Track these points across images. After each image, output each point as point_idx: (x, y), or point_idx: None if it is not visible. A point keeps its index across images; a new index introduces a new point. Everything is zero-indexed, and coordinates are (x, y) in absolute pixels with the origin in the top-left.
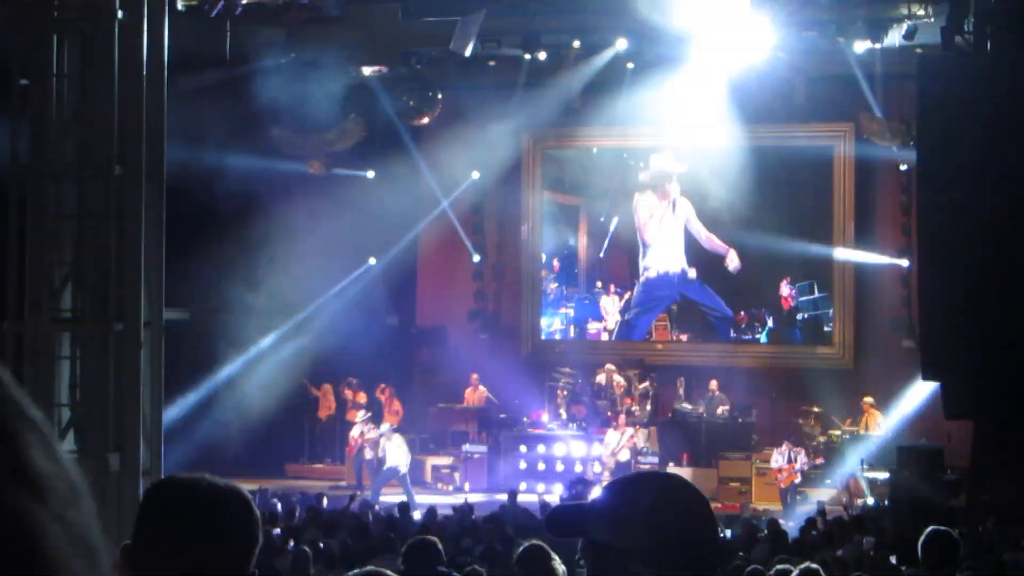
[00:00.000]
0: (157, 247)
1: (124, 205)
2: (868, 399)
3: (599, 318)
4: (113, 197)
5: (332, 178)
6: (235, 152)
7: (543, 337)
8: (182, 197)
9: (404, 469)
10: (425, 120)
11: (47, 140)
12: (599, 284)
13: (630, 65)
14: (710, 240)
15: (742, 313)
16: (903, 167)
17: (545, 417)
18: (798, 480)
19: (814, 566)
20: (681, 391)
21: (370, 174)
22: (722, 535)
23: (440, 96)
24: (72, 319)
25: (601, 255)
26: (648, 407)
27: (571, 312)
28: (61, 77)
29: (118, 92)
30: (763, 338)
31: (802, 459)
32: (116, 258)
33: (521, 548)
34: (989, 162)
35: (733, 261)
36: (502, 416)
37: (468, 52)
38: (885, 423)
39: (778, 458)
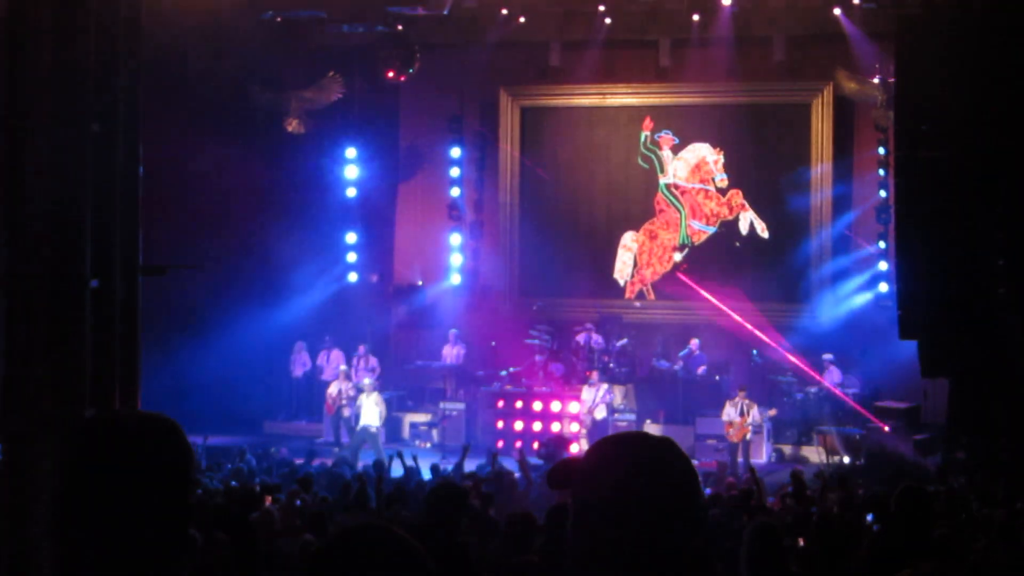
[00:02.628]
0: (133, 203)
1: (100, 161)
2: (827, 356)
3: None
4: (89, 153)
5: (310, 136)
6: (214, 110)
7: (520, 295)
8: (161, 154)
9: (375, 429)
10: (403, 77)
11: (22, 96)
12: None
13: (608, 20)
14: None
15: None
16: (880, 126)
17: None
18: (750, 435)
19: (769, 522)
20: (659, 349)
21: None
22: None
23: (418, 53)
24: (48, 275)
25: None
26: (625, 365)
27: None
28: (37, 33)
29: (94, 48)
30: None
31: (755, 412)
32: (92, 214)
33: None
34: (967, 122)
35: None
36: (480, 373)
37: (447, 10)
38: (852, 380)
39: (730, 411)
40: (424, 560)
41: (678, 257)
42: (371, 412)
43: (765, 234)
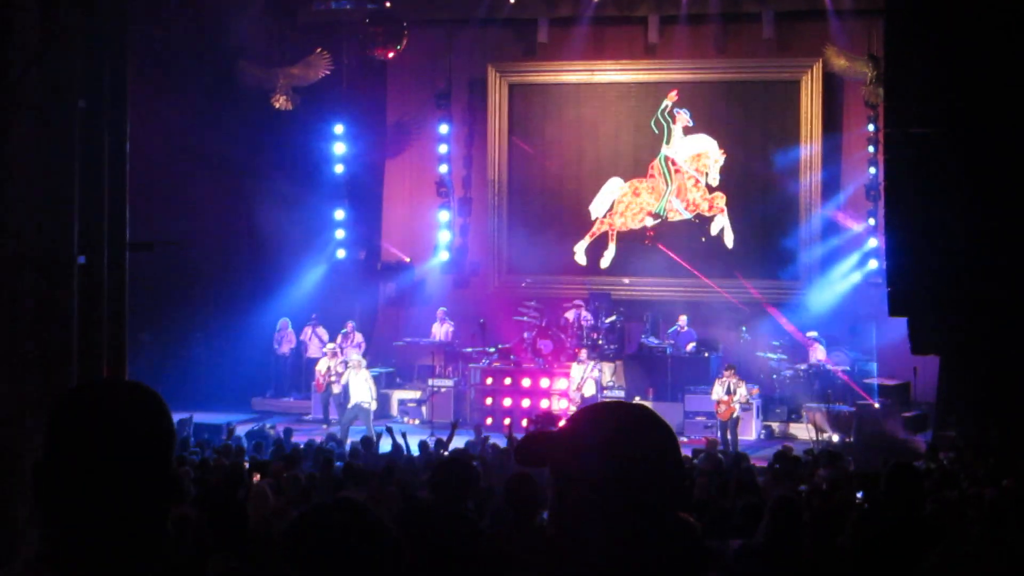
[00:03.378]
0: (120, 179)
1: (87, 137)
2: (812, 333)
3: None
4: (76, 129)
5: (297, 112)
6: (202, 86)
7: (508, 272)
8: (148, 130)
9: (367, 405)
10: (391, 54)
11: (9, 73)
12: None
13: None
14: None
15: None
16: (870, 103)
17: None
18: (737, 413)
19: (790, 496)
20: (648, 325)
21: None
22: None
23: (406, 30)
24: (35, 252)
25: None
26: (614, 342)
27: None
28: (24, 10)
29: (81, 25)
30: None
31: (742, 391)
32: (80, 191)
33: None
34: (958, 98)
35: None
36: (468, 350)
37: None
38: (840, 357)
39: (718, 389)
40: (389, 535)
41: (649, 222)
42: (361, 388)
43: (730, 244)
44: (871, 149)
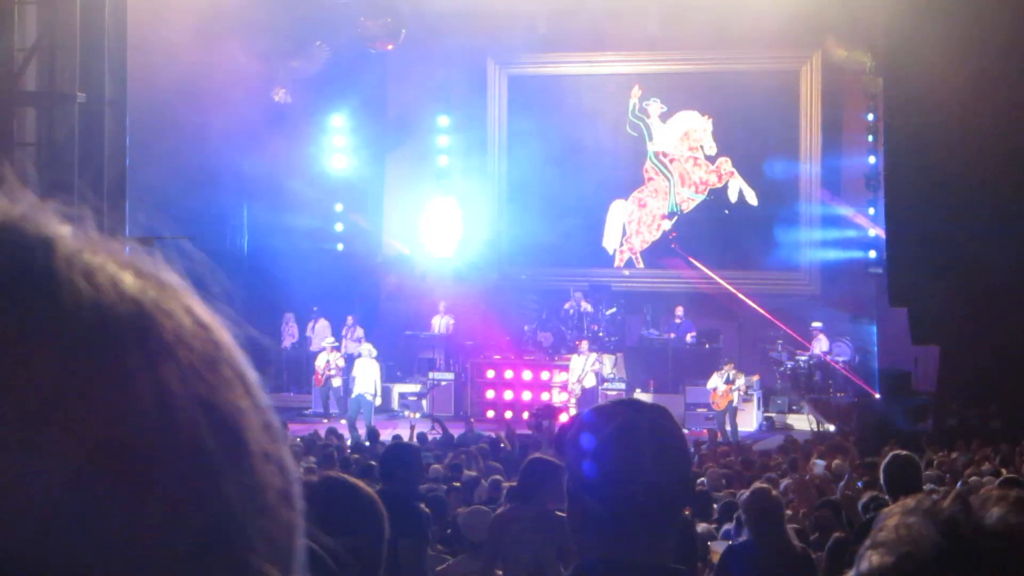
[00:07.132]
0: (120, 171)
1: (87, 130)
2: (816, 324)
3: None
4: (76, 122)
5: (297, 105)
6: (201, 79)
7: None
8: (147, 123)
9: (370, 397)
10: (391, 46)
11: (8, 66)
12: None
13: None
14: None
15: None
16: (870, 92)
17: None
18: (735, 401)
19: (764, 486)
20: (648, 317)
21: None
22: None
23: (406, 20)
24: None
25: None
26: (615, 333)
27: None
28: (23, 3)
29: (80, 18)
30: None
31: (742, 382)
32: (79, 183)
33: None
34: (957, 87)
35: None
36: (469, 343)
37: None
38: (841, 348)
39: (716, 379)
40: (379, 507)
41: (667, 225)
42: (366, 380)
43: (755, 201)
44: (871, 138)
